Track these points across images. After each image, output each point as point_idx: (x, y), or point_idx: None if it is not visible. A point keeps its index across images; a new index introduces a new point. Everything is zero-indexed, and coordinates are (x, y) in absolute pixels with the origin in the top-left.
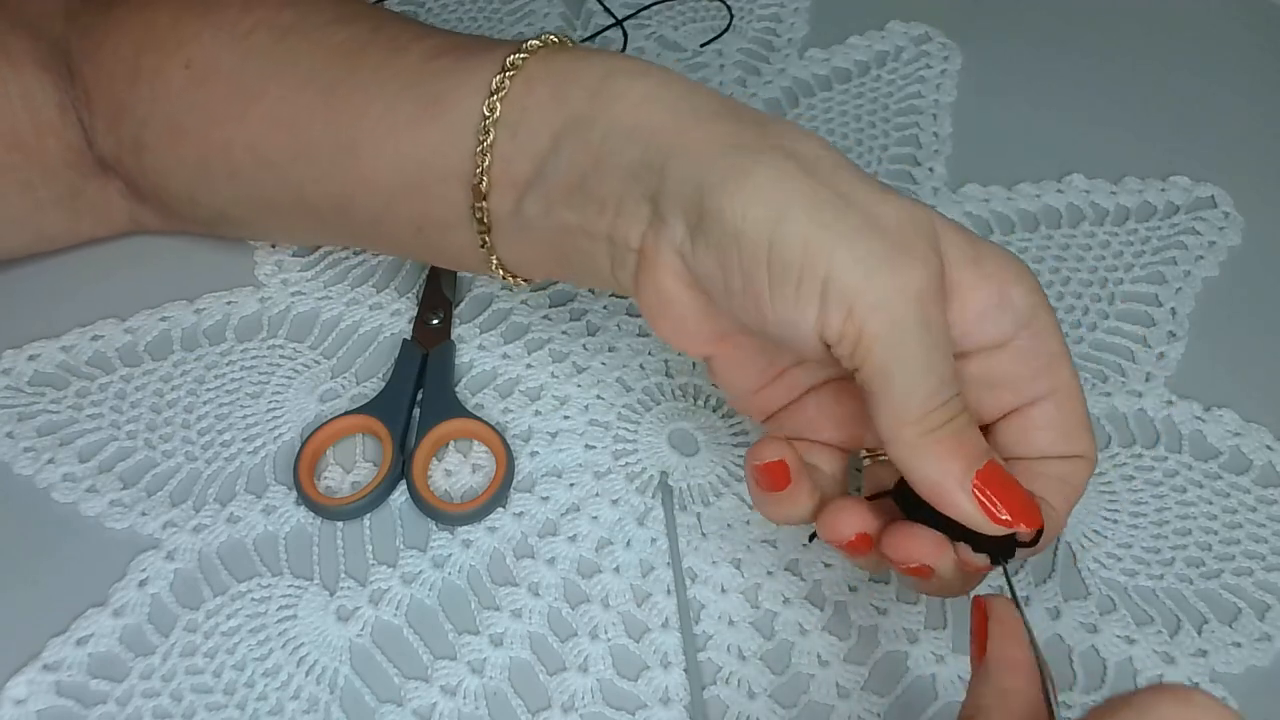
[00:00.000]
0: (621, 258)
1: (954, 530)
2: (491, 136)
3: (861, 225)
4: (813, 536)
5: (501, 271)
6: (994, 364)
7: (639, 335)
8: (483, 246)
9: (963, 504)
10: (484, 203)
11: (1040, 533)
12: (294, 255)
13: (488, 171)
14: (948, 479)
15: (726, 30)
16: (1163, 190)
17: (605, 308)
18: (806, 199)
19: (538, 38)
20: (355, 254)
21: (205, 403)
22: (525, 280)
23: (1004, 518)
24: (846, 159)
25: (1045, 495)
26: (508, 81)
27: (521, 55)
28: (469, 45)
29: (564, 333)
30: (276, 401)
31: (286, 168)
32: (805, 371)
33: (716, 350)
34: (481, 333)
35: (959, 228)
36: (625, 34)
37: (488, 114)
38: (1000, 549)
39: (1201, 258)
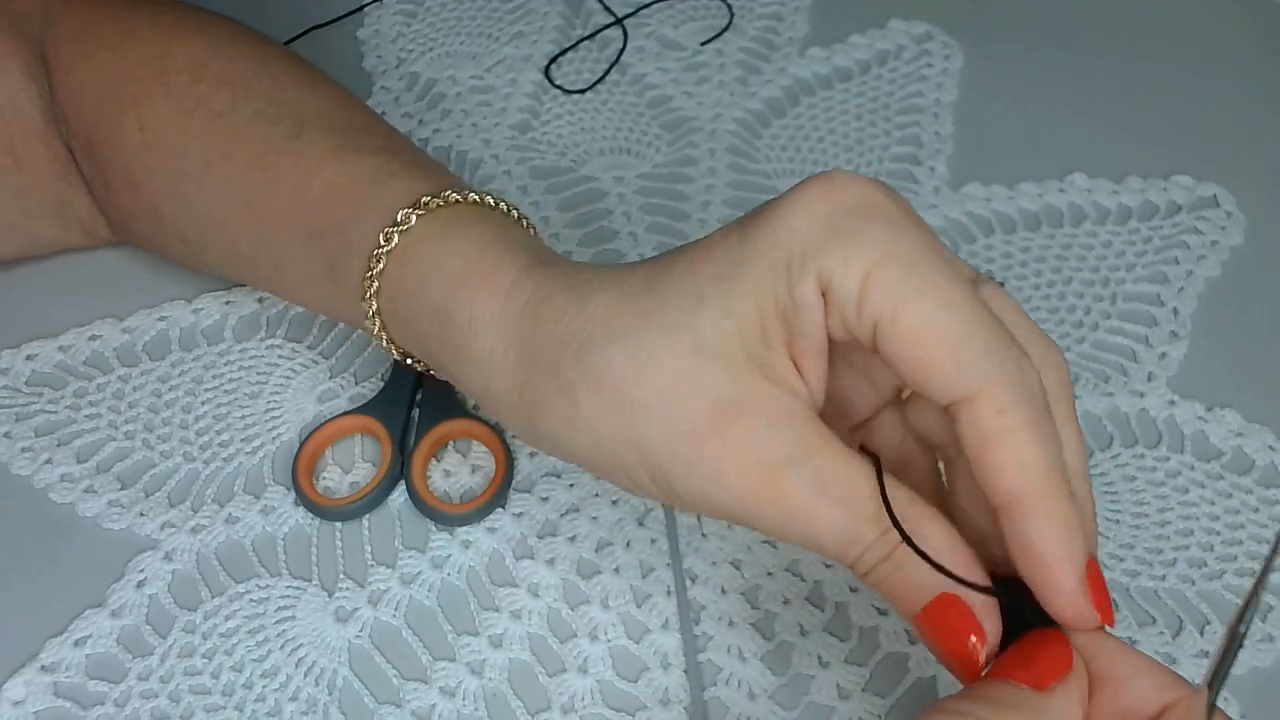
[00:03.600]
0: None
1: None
2: (378, 325)
3: (679, 454)
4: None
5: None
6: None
7: None
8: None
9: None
10: (409, 359)
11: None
12: None
13: (394, 345)
14: (907, 620)
15: (727, 29)
16: (1165, 189)
17: None
18: (633, 453)
19: (400, 214)
20: None
21: (203, 403)
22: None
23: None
24: (640, 327)
25: (1014, 535)
26: (375, 284)
27: (385, 250)
28: (358, 192)
29: None
30: (275, 401)
31: (229, 261)
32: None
33: None
34: None
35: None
36: (625, 33)
37: (369, 307)
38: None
39: (1204, 257)
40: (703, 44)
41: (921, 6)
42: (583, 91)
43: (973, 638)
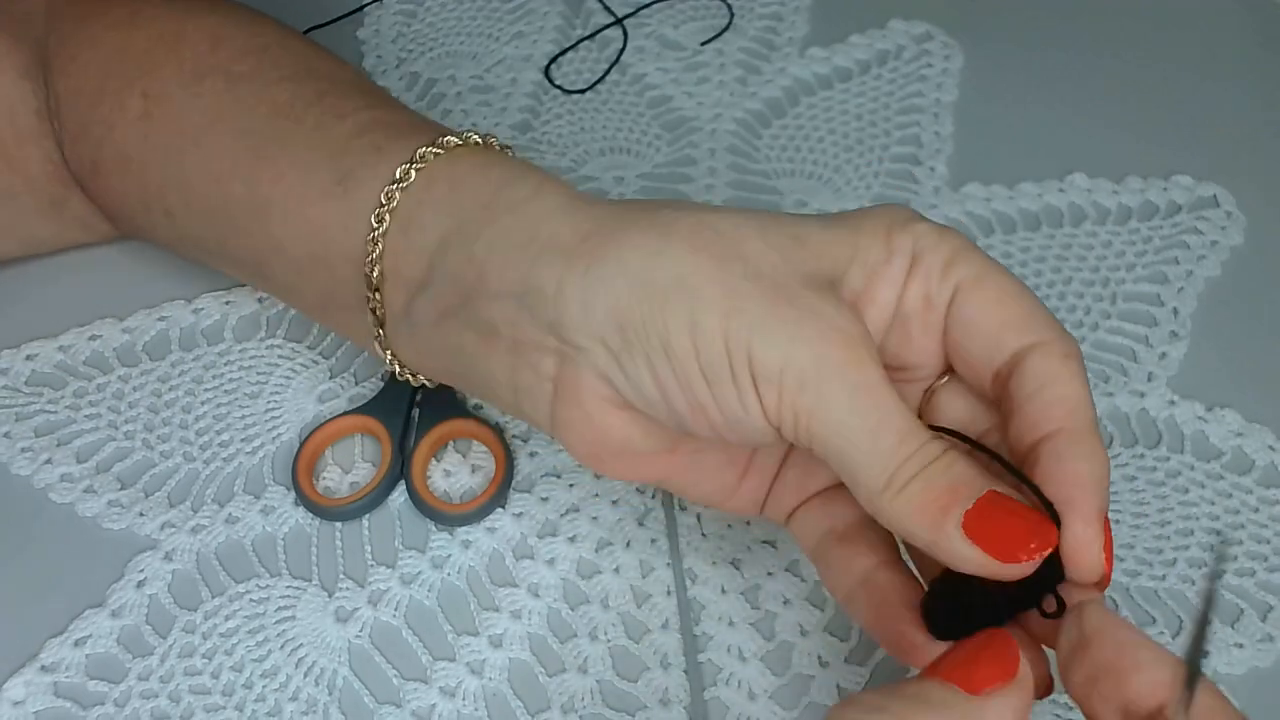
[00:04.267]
0: (529, 389)
1: (1002, 606)
2: (385, 225)
3: (771, 299)
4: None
5: (398, 367)
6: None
7: None
8: (377, 339)
9: (966, 555)
10: (377, 294)
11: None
12: None
13: (379, 261)
14: (938, 533)
15: (727, 29)
16: (1165, 189)
17: None
18: (715, 287)
19: (464, 134)
20: None
21: (203, 403)
22: (428, 381)
23: (1017, 556)
24: (740, 213)
25: (1055, 456)
26: (413, 173)
27: (435, 150)
28: (401, 125)
29: None
30: (275, 401)
31: (210, 219)
32: (768, 451)
33: (669, 466)
34: None
35: (867, 218)
36: (625, 33)
37: (385, 202)
38: (1043, 586)
39: (1204, 257)
40: (703, 44)
41: (921, 6)
42: (583, 91)
43: (1030, 532)
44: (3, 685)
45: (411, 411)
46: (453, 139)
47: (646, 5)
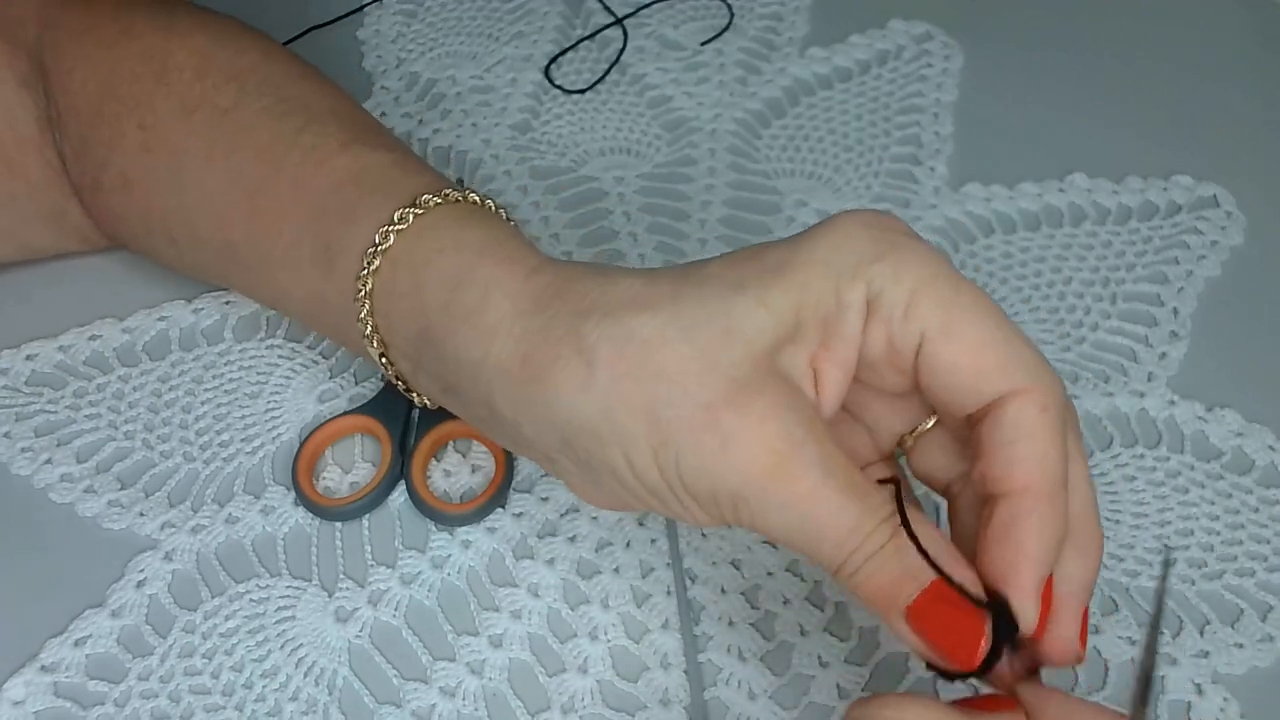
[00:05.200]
0: (537, 460)
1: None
2: (368, 307)
3: (693, 423)
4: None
5: (428, 403)
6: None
7: None
8: (398, 381)
9: (915, 644)
10: (384, 359)
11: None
12: None
13: (376, 333)
14: (888, 620)
15: (727, 29)
16: (1165, 189)
17: None
18: (639, 423)
19: (422, 197)
20: None
21: (203, 403)
22: None
23: (958, 656)
24: (668, 308)
25: (1008, 519)
26: (378, 258)
27: (396, 228)
28: (377, 178)
29: None
30: (275, 401)
31: (216, 256)
32: None
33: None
34: None
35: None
36: (625, 33)
37: (361, 287)
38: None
39: (1204, 257)
40: (703, 44)
41: (921, 6)
42: (583, 91)
43: (974, 627)
44: (3, 685)
45: (411, 411)
46: (410, 211)
47: (646, 5)
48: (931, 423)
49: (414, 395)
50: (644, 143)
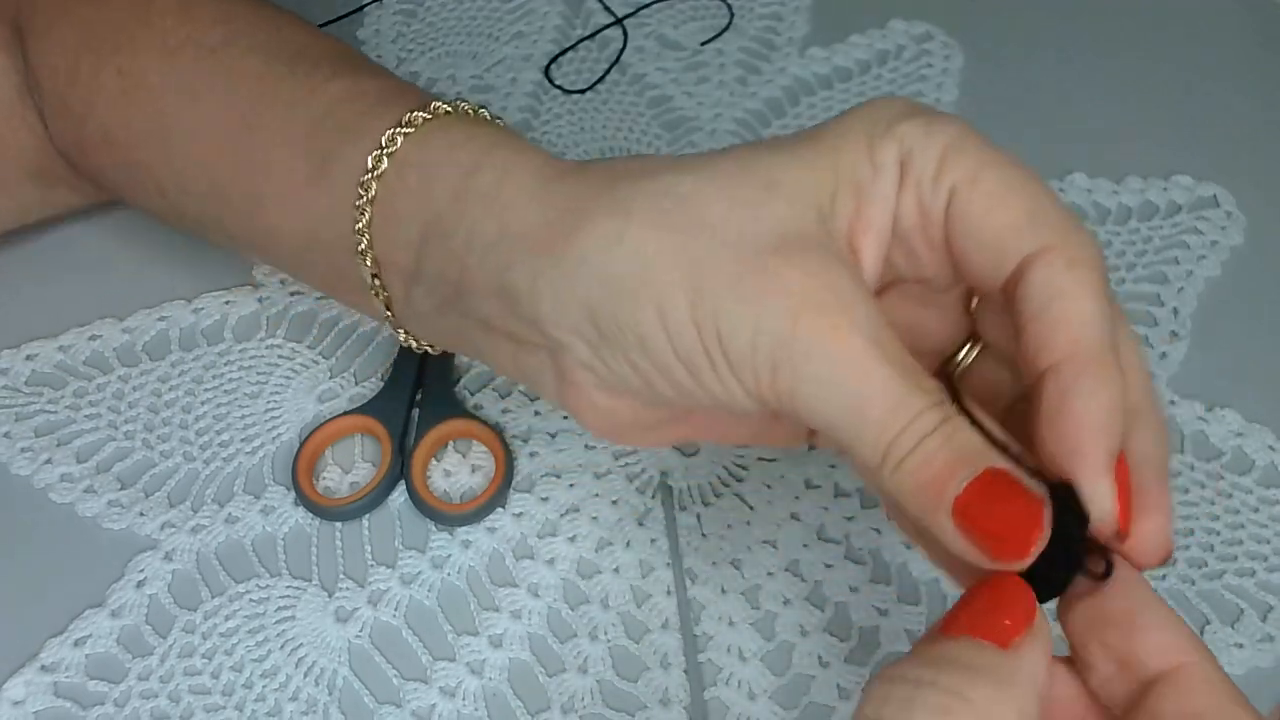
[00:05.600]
0: (534, 374)
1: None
2: (368, 216)
3: (736, 273)
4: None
5: (414, 342)
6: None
7: None
8: (389, 320)
9: (952, 544)
10: (377, 280)
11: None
12: None
13: (371, 250)
14: (936, 519)
15: (727, 29)
16: (1165, 189)
17: None
18: (677, 271)
19: (433, 105)
20: None
21: (203, 403)
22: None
23: (1004, 553)
24: (708, 166)
25: (1058, 394)
26: (385, 160)
27: (404, 130)
28: (372, 97)
29: None
30: (275, 401)
31: (204, 200)
32: None
33: (691, 428)
34: None
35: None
36: (625, 33)
37: (363, 193)
38: (1063, 568)
39: (1204, 257)
40: (703, 44)
41: (921, 6)
42: (583, 91)
43: (1030, 512)
44: (3, 685)
45: (411, 411)
46: (419, 114)
47: (646, 5)
48: (979, 348)
49: (401, 334)
50: (644, 143)
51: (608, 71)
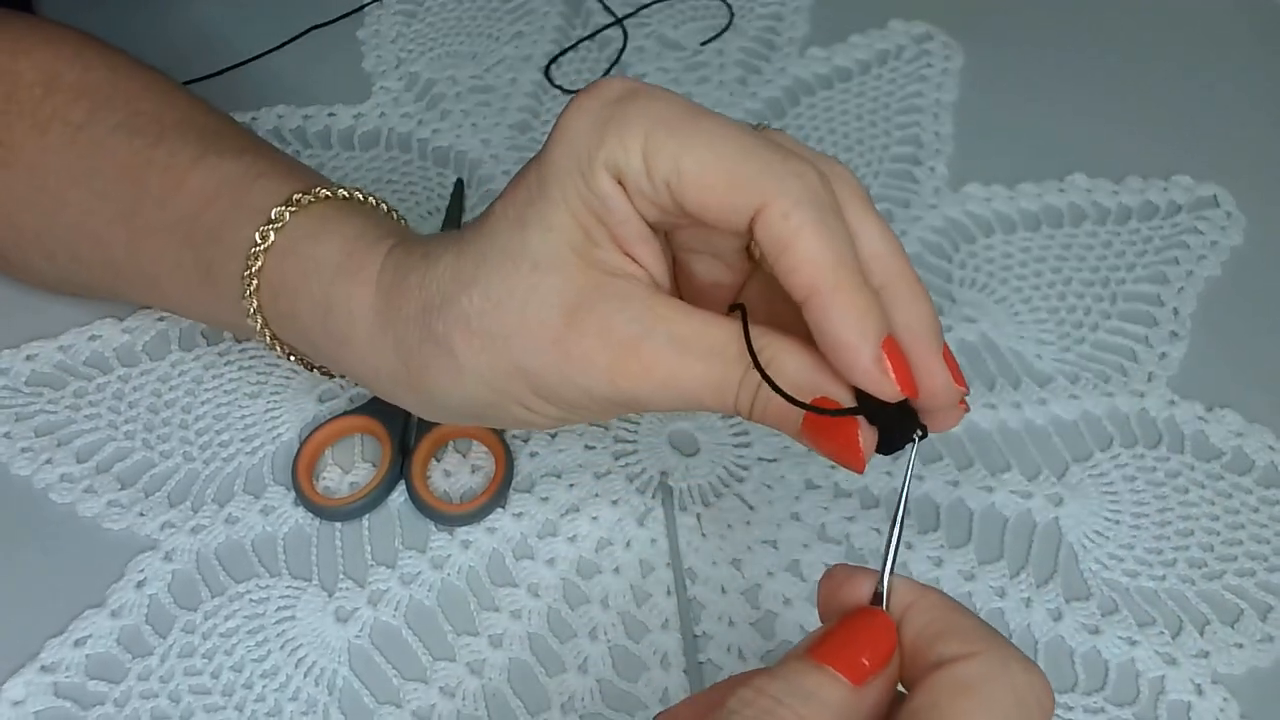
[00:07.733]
0: None
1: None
2: (259, 321)
3: (551, 359)
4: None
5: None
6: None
7: None
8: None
9: (822, 454)
10: (291, 358)
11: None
12: None
13: (278, 342)
14: (798, 440)
15: (727, 29)
16: (1165, 189)
17: None
18: (514, 374)
19: (274, 210)
20: None
21: (203, 403)
22: None
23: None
24: (483, 262)
25: (815, 326)
26: (255, 279)
27: (262, 249)
28: (230, 195)
29: None
30: (275, 402)
31: (99, 273)
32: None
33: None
34: None
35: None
36: (625, 33)
37: (249, 307)
38: (898, 426)
39: (1204, 257)
40: (703, 44)
41: (921, 6)
42: None
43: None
44: (3, 685)
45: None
46: (270, 229)
47: (646, 5)
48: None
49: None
50: None
51: (608, 72)
